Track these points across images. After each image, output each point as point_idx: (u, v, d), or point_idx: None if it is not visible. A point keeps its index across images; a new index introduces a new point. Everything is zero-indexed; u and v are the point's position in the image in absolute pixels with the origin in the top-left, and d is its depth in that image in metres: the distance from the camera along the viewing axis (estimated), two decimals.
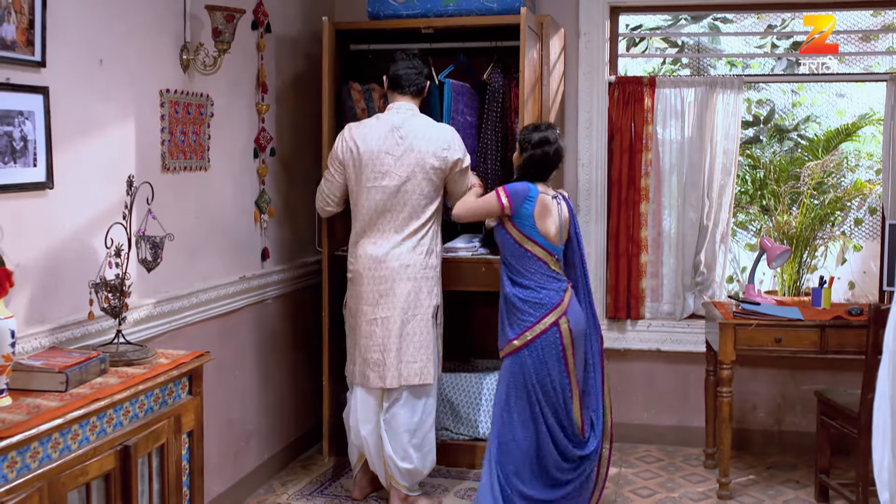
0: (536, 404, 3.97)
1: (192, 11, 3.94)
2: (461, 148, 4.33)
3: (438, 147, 4.24)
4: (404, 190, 4.23)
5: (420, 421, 4.33)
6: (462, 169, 4.32)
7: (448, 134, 4.31)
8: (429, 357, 4.29)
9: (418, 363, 4.27)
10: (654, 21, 6.74)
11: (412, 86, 4.35)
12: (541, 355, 3.94)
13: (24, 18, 2.93)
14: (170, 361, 3.11)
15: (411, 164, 4.22)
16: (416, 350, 4.26)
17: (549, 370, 3.95)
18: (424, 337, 4.28)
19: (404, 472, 4.32)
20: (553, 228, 4.02)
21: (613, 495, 4.69)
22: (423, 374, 4.28)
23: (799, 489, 4.78)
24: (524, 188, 4.01)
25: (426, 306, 4.30)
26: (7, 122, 2.88)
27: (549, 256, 4.00)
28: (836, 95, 6.45)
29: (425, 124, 4.31)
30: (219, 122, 4.23)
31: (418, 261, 4.27)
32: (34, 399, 2.62)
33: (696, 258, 5.40)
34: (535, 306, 3.97)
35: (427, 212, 4.29)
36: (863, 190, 5.49)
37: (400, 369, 4.25)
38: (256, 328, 4.68)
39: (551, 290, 3.99)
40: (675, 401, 5.49)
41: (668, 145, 5.38)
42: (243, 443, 4.57)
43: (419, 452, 4.33)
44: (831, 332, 4.50)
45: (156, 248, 3.26)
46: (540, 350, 3.94)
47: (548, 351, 3.94)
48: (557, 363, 3.95)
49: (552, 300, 3.97)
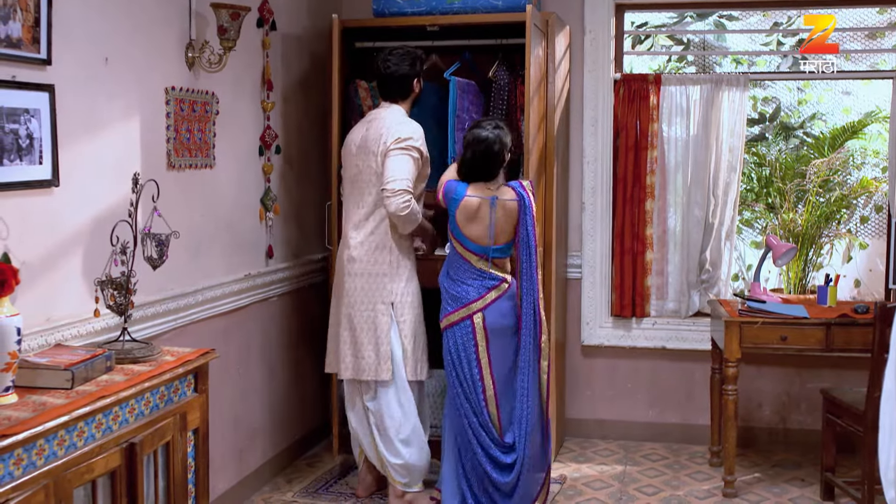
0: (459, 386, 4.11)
1: (198, 9, 3.94)
2: (407, 131, 4.19)
3: (383, 134, 4.20)
4: (358, 180, 4.28)
5: (402, 416, 4.28)
6: (401, 148, 4.14)
7: (396, 125, 4.21)
8: (383, 353, 4.22)
9: (367, 359, 4.24)
10: (660, 18, 6.72)
11: (389, 94, 4.38)
12: (456, 342, 4.09)
13: (30, 16, 2.94)
14: (175, 359, 3.12)
15: (363, 155, 4.25)
16: (367, 345, 4.24)
17: (461, 360, 4.07)
18: (375, 333, 4.23)
19: (397, 467, 4.30)
20: (478, 231, 4.05)
21: (619, 493, 4.69)
22: (377, 370, 4.23)
23: (804, 487, 4.77)
24: (452, 189, 4.10)
25: (378, 302, 4.23)
26: (13, 119, 2.88)
27: (472, 256, 4.09)
28: (842, 93, 6.43)
29: (387, 117, 4.29)
30: (224, 120, 4.23)
31: (366, 255, 4.25)
32: (40, 396, 2.62)
33: (702, 256, 5.40)
34: (452, 298, 4.12)
35: (369, 202, 4.25)
36: (869, 188, 5.48)
37: (354, 363, 4.28)
38: (262, 326, 4.68)
39: (470, 287, 4.08)
40: (680, 399, 5.49)
41: (673, 143, 5.37)
42: (248, 440, 4.58)
43: (408, 447, 4.29)
44: (837, 330, 4.49)
45: (161, 246, 3.27)
46: (455, 338, 4.09)
47: (461, 342, 4.08)
48: (468, 357, 4.06)
49: (468, 296, 4.08)
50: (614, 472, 5.02)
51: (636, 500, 4.62)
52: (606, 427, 5.57)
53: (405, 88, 4.37)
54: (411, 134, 4.20)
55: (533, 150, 4.56)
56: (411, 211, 4.11)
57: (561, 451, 5.33)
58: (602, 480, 4.88)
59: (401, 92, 4.37)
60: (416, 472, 4.36)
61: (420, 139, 4.24)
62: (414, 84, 4.38)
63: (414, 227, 4.26)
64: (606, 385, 5.56)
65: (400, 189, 4.08)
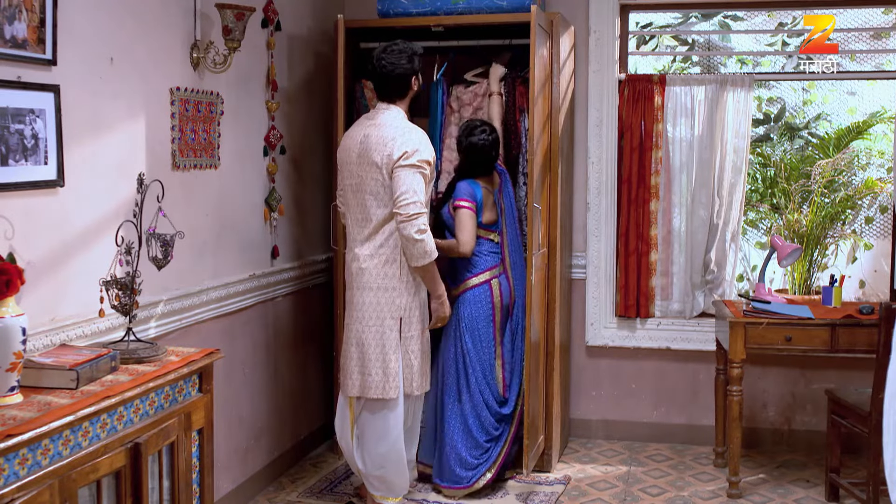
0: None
1: (203, 9, 3.94)
2: (413, 143, 4.01)
3: (388, 144, 4.01)
4: (361, 191, 4.08)
5: (385, 432, 4.15)
6: (410, 165, 3.97)
7: (400, 134, 4.04)
8: (391, 371, 4.08)
9: (374, 377, 4.10)
10: (665, 19, 6.72)
11: (387, 94, 4.19)
12: (474, 304, 4.59)
13: (35, 17, 2.94)
14: (180, 359, 3.12)
15: (365, 165, 4.06)
16: (375, 362, 4.09)
17: (477, 322, 4.59)
18: (383, 350, 4.09)
19: (371, 479, 4.23)
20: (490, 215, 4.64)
21: (623, 493, 4.69)
22: (384, 388, 4.09)
23: (809, 488, 4.76)
24: (473, 193, 4.54)
25: (386, 317, 4.10)
26: (18, 120, 2.89)
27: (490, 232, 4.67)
28: (846, 93, 6.42)
29: (387, 122, 4.11)
30: (229, 120, 4.23)
31: (375, 269, 4.08)
32: (45, 396, 2.62)
33: (707, 256, 5.39)
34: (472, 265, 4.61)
35: (378, 215, 4.06)
36: (874, 188, 5.46)
37: (361, 381, 4.13)
38: (266, 326, 4.68)
39: (488, 257, 4.64)
40: (684, 399, 5.49)
41: (678, 143, 5.37)
42: (253, 440, 4.58)
43: (386, 462, 4.17)
44: (842, 331, 4.48)
45: (166, 246, 3.27)
46: (473, 301, 4.59)
47: (482, 303, 4.59)
48: (486, 318, 4.59)
49: (486, 263, 4.63)
50: (619, 472, 5.01)
51: (641, 500, 4.62)
52: (611, 428, 5.57)
53: (403, 87, 4.17)
54: (417, 146, 4.02)
55: (537, 151, 4.56)
56: (427, 237, 3.97)
57: (565, 451, 5.33)
58: (607, 481, 4.87)
59: (398, 91, 4.17)
60: (395, 487, 4.24)
61: (426, 148, 4.07)
62: (412, 81, 4.19)
63: (430, 260, 4.04)
64: (611, 386, 5.56)
65: (414, 213, 3.93)
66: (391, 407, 4.15)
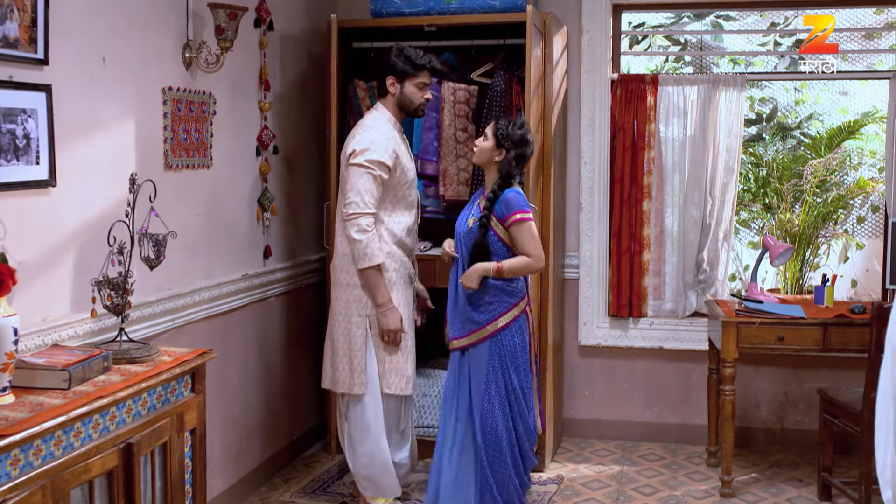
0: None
1: (195, 9, 3.94)
2: (364, 142, 3.97)
3: (347, 141, 4.09)
4: (341, 189, 4.11)
5: (366, 431, 4.15)
6: (356, 164, 3.93)
7: (360, 132, 4.05)
8: (356, 367, 4.10)
9: (342, 371, 4.14)
10: (657, 19, 6.72)
11: (379, 95, 4.25)
12: (515, 336, 3.93)
13: (27, 16, 2.93)
14: (172, 359, 3.12)
15: (342, 162, 4.11)
16: (342, 357, 4.14)
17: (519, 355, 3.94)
18: (349, 346, 4.12)
19: (360, 478, 4.23)
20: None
21: (616, 493, 4.69)
22: (350, 383, 4.12)
23: (802, 487, 4.77)
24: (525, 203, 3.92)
25: (353, 314, 4.10)
26: (10, 119, 2.88)
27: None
28: (838, 93, 6.44)
29: (364, 121, 4.17)
30: (221, 120, 4.23)
31: (342, 266, 4.12)
32: (37, 397, 2.62)
33: (699, 256, 5.40)
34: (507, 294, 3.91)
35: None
36: (865, 188, 5.48)
37: (332, 374, 4.21)
38: (259, 326, 4.68)
39: (521, 280, 3.99)
40: (677, 399, 5.49)
41: (670, 143, 5.38)
42: (246, 440, 4.58)
43: (371, 461, 4.17)
44: (834, 331, 4.50)
45: (158, 246, 3.26)
46: (515, 333, 3.93)
47: (523, 335, 3.95)
48: (524, 349, 3.96)
49: (522, 289, 3.99)
50: (612, 472, 5.02)
51: (634, 500, 4.63)
52: (604, 427, 5.57)
53: (382, 87, 4.19)
54: (368, 145, 3.95)
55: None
56: (367, 238, 3.92)
57: (558, 451, 5.33)
58: (600, 480, 4.88)
59: (381, 91, 4.21)
60: (383, 487, 4.23)
61: (381, 149, 3.96)
62: (387, 83, 4.15)
63: (370, 265, 3.95)
64: (604, 385, 5.57)
65: (352, 213, 3.92)
66: (366, 403, 4.14)
